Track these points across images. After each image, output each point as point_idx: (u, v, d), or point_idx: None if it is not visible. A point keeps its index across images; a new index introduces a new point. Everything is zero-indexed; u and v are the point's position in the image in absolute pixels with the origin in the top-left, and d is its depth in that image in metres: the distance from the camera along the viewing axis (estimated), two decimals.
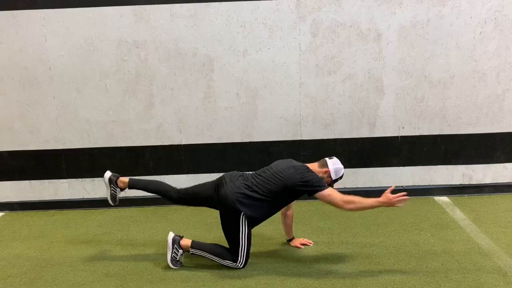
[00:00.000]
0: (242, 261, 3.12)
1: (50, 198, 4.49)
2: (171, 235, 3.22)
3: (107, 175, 3.41)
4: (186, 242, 3.19)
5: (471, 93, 4.27)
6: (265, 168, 3.26)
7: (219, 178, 3.24)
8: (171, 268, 3.18)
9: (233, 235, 3.11)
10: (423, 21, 4.11)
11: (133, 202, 4.47)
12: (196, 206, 3.35)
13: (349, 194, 2.96)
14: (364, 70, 4.22)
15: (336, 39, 4.16)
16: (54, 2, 4.07)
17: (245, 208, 3.04)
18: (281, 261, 3.25)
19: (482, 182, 4.47)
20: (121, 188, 3.40)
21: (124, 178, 3.40)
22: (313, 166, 3.19)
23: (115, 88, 4.25)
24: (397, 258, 3.21)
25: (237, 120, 4.33)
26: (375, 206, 2.90)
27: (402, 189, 4.43)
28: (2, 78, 4.22)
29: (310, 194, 3.03)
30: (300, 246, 3.45)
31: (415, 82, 4.25)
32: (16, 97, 4.26)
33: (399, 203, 2.84)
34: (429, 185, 4.49)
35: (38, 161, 4.39)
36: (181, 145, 4.39)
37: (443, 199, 4.36)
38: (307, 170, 3.09)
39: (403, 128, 4.35)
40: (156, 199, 4.43)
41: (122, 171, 4.41)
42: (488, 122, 4.33)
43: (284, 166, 3.16)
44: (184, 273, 3.12)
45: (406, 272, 3.02)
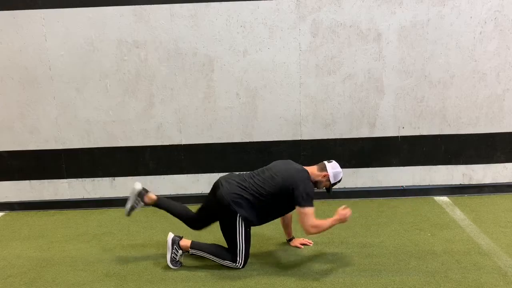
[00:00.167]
0: (241, 261, 3.12)
1: (50, 198, 4.49)
2: (171, 236, 3.22)
3: (138, 188, 3.35)
4: (185, 242, 3.20)
5: (471, 93, 4.27)
6: (264, 168, 3.25)
7: (216, 181, 3.23)
8: (171, 268, 3.18)
9: (230, 236, 3.11)
10: (423, 21, 4.11)
11: None
12: (208, 224, 3.30)
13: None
14: (364, 70, 4.22)
15: (336, 39, 4.16)
16: (54, 2, 4.07)
17: (241, 209, 3.04)
18: (281, 261, 3.25)
19: (482, 182, 4.47)
20: (145, 203, 3.36)
21: (152, 195, 3.37)
22: (312, 170, 3.18)
23: (115, 88, 4.25)
24: (397, 258, 3.21)
25: (237, 120, 4.33)
26: (333, 224, 3.05)
27: (402, 189, 4.45)
28: (2, 78, 4.22)
29: (294, 202, 3.02)
30: (300, 246, 3.45)
31: (415, 82, 4.24)
32: (16, 97, 4.26)
33: (347, 217, 3.06)
34: (429, 185, 4.48)
35: (38, 161, 4.39)
36: (181, 145, 4.39)
37: (443, 199, 4.36)
38: (308, 178, 3.09)
39: (403, 128, 4.35)
40: None
41: (122, 171, 4.44)
42: (488, 122, 4.33)
43: (284, 168, 3.16)
44: (184, 273, 3.12)
45: (406, 272, 3.02)
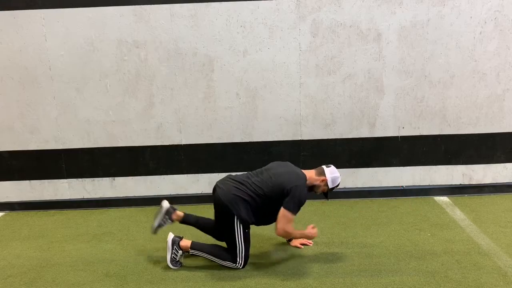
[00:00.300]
0: (241, 262, 3.12)
1: (50, 198, 4.49)
2: (171, 236, 3.22)
3: (166, 206, 3.38)
4: (186, 243, 3.20)
5: (471, 93, 4.27)
6: (262, 169, 3.26)
7: (214, 186, 3.22)
8: (171, 268, 3.18)
9: (229, 237, 3.11)
10: (423, 21, 4.11)
11: (133, 202, 4.47)
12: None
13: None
14: (364, 70, 4.22)
15: (336, 39, 4.15)
16: (54, 2, 4.07)
17: (238, 210, 3.03)
18: (281, 261, 3.25)
19: (482, 182, 4.47)
20: (173, 221, 3.38)
21: (180, 212, 3.39)
22: (310, 174, 3.18)
23: (115, 88, 4.25)
24: (397, 258, 3.21)
25: (237, 120, 4.33)
26: (300, 237, 3.32)
27: (402, 189, 4.45)
28: (2, 78, 4.22)
29: (283, 202, 3.02)
30: (300, 246, 3.45)
31: (415, 82, 4.24)
32: (16, 97, 4.26)
33: (313, 236, 3.29)
34: (429, 185, 4.48)
35: (38, 161, 4.39)
36: (181, 145, 4.39)
37: (443, 199, 4.36)
38: (305, 185, 3.10)
39: (403, 128, 4.35)
40: (156, 199, 4.45)
41: (122, 171, 4.44)
42: (488, 122, 4.33)
43: (283, 171, 3.16)
44: (184, 273, 3.13)
45: (406, 272, 3.02)
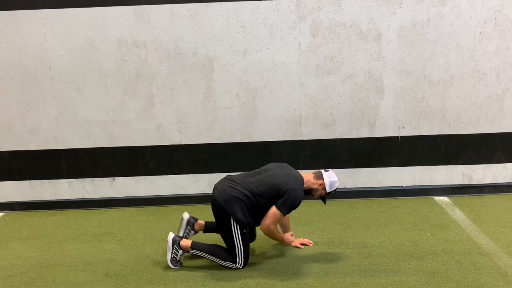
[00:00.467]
0: (241, 262, 3.11)
1: (50, 198, 4.49)
2: (171, 236, 3.21)
3: (186, 217, 3.43)
4: (186, 242, 3.19)
5: (471, 93, 4.27)
6: (260, 169, 3.26)
7: (214, 185, 3.23)
8: (171, 268, 3.18)
9: (228, 238, 3.11)
10: (423, 21, 4.11)
11: (133, 202, 4.47)
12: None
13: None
14: (364, 70, 4.22)
15: (336, 39, 4.15)
16: (54, 2, 4.07)
17: (233, 210, 3.03)
18: (281, 261, 3.25)
19: (482, 182, 4.47)
20: (196, 231, 3.44)
21: (201, 222, 3.45)
22: (308, 177, 3.18)
23: (115, 88, 4.25)
24: (397, 258, 3.21)
25: (237, 120, 4.33)
26: (278, 240, 3.28)
27: (402, 189, 4.45)
28: (2, 78, 4.22)
29: (276, 202, 3.04)
30: (300, 246, 3.44)
31: (415, 82, 4.24)
32: (16, 97, 4.26)
33: (290, 244, 3.36)
34: (429, 185, 4.48)
35: (38, 161, 4.39)
36: (181, 145, 4.39)
37: (443, 199, 4.36)
38: (301, 189, 3.10)
39: (403, 128, 4.35)
40: (156, 199, 4.46)
41: (122, 171, 4.44)
42: (488, 122, 4.33)
43: (282, 172, 3.16)
44: (184, 273, 3.13)
45: (406, 272, 3.02)
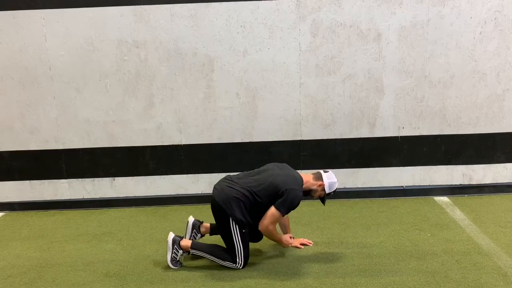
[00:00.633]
0: (241, 262, 3.11)
1: (50, 198, 4.49)
2: (171, 236, 3.21)
3: (192, 221, 3.44)
4: (186, 242, 3.19)
5: (471, 93, 4.27)
6: (260, 169, 3.26)
7: (214, 185, 3.24)
8: (171, 268, 3.18)
9: (227, 238, 3.12)
10: (423, 21, 4.11)
11: (133, 202, 4.47)
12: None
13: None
14: (364, 70, 4.22)
15: (336, 39, 4.15)
16: (54, 2, 4.07)
17: (231, 210, 3.04)
18: (281, 261, 3.25)
19: (482, 182, 4.47)
20: (202, 234, 3.45)
21: (206, 224, 3.45)
22: (307, 178, 3.18)
23: (115, 88, 4.25)
24: (397, 258, 3.21)
25: (237, 120, 4.33)
26: (277, 241, 3.26)
27: (402, 189, 4.45)
28: (2, 78, 4.22)
29: (275, 202, 3.05)
30: (300, 246, 3.43)
31: (415, 82, 4.24)
32: (16, 97, 4.25)
33: (287, 246, 3.34)
34: (429, 185, 4.48)
35: (38, 161, 4.39)
36: (181, 145, 4.39)
37: (443, 199, 4.36)
38: (300, 190, 3.10)
39: (403, 128, 4.35)
40: (156, 199, 4.46)
41: (122, 171, 4.44)
42: (488, 122, 4.33)
43: (281, 173, 3.16)
44: (184, 273, 3.13)
45: (406, 272, 3.02)
